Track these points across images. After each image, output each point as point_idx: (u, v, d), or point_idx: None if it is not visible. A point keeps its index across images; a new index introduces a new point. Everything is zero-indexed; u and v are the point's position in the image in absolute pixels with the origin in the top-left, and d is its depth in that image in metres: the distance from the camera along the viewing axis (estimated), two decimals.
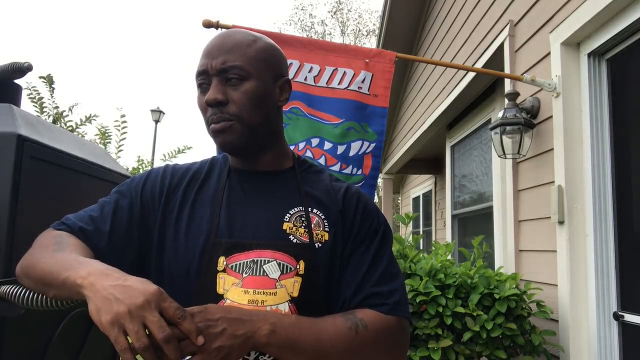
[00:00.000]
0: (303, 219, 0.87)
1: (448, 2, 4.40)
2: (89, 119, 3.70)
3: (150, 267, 0.88)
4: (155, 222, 0.89)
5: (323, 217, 0.89)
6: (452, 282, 2.06)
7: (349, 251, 0.88)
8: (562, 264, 2.17)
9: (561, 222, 2.19)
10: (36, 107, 3.48)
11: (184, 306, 0.71)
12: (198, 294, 0.81)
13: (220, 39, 0.88)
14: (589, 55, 2.17)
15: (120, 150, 3.94)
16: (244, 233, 0.85)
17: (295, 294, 0.81)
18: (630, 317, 1.91)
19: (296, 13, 24.85)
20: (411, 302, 2.00)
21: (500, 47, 3.01)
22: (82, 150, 1.43)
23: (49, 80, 3.53)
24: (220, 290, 0.81)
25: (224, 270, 0.82)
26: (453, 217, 4.66)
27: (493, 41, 3.14)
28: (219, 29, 2.06)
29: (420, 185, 7.88)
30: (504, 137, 2.45)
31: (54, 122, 3.58)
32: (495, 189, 3.31)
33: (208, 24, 2.04)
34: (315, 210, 0.89)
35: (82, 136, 3.80)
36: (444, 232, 5.63)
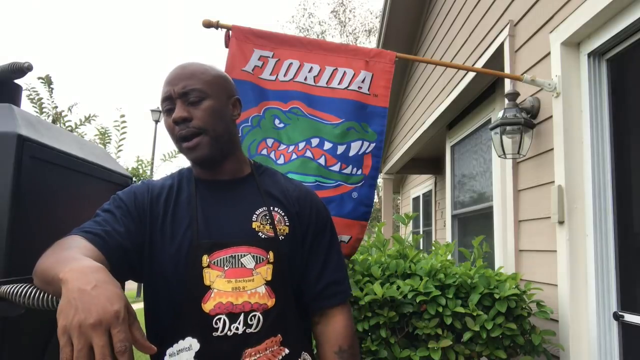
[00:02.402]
0: (267, 217, 1.07)
1: (448, 2, 4.40)
2: (88, 119, 3.70)
3: (144, 269, 1.02)
4: (144, 231, 1.03)
5: (283, 214, 1.10)
6: (452, 282, 2.06)
7: (310, 240, 1.11)
8: (562, 264, 2.17)
9: (561, 222, 2.19)
10: (35, 107, 3.48)
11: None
12: (190, 287, 0.97)
13: (178, 69, 1.05)
14: (589, 55, 2.17)
15: (120, 151, 3.94)
16: (220, 234, 1.02)
17: (269, 278, 1.01)
18: (630, 317, 1.91)
19: (298, 11, 24.83)
20: (411, 302, 2.00)
21: (500, 47, 3.01)
22: (82, 150, 1.43)
23: (48, 81, 3.53)
24: (207, 282, 0.98)
25: (208, 266, 0.98)
26: (453, 217, 4.65)
27: (493, 41, 3.14)
28: (219, 29, 2.06)
29: (420, 185, 7.87)
30: (504, 137, 2.45)
31: (53, 122, 3.58)
32: (495, 189, 3.31)
33: (208, 24, 2.04)
34: (276, 209, 1.09)
35: (82, 136, 3.80)
36: (444, 232, 5.63)
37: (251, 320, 0.98)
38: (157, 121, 13.55)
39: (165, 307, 1.00)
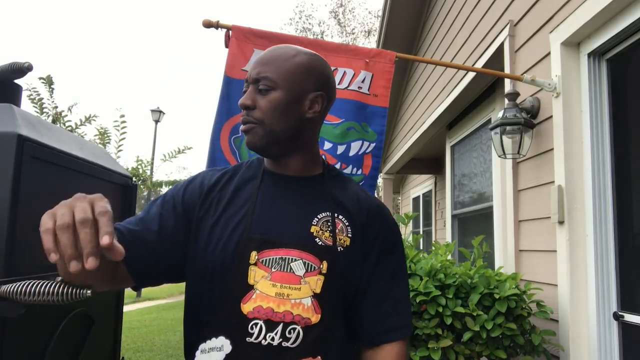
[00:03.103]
0: (329, 223, 0.97)
1: (448, 2, 4.40)
2: (88, 119, 3.70)
3: (188, 260, 0.97)
4: (189, 225, 0.98)
5: (347, 223, 0.98)
6: (452, 282, 2.06)
7: (374, 260, 0.99)
8: (562, 264, 2.17)
9: (561, 222, 2.19)
10: (36, 107, 3.48)
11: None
12: (232, 283, 0.91)
13: (265, 52, 0.99)
14: (589, 55, 2.17)
15: (120, 151, 3.94)
16: (275, 231, 0.94)
17: (318, 291, 0.91)
18: (630, 317, 1.91)
19: (296, 14, 24.83)
20: (411, 302, 2.00)
21: (500, 47, 3.01)
22: (82, 150, 1.43)
23: (49, 81, 3.53)
24: (251, 281, 0.90)
25: (255, 264, 0.91)
26: (453, 217, 4.65)
27: (493, 41, 3.14)
28: (219, 29, 2.06)
29: (420, 185, 7.87)
30: (504, 137, 2.45)
31: (53, 122, 3.58)
32: (495, 189, 3.31)
33: (208, 24, 2.04)
34: (340, 217, 0.99)
35: (82, 137, 3.80)
36: (444, 232, 5.63)
37: (290, 333, 0.89)
38: (157, 121, 13.54)
39: (205, 300, 0.94)
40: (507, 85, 2.84)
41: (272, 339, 0.88)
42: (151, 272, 0.94)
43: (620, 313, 1.96)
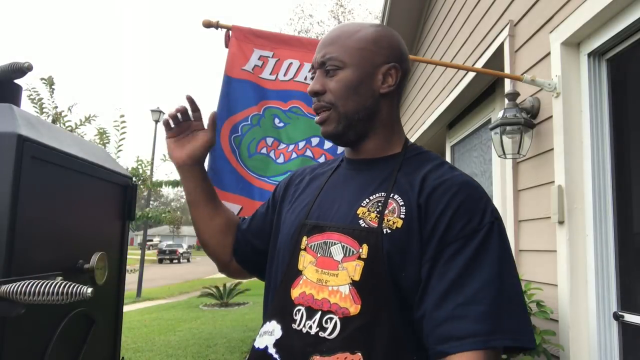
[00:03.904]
0: (380, 204, 0.86)
1: (448, 2, 4.40)
2: (88, 120, 3.71)
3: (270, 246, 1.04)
4: (277, 211, 1.06)
5: (402, 203, 0.85)
6: None
7: (434, 247, 0.80)
8: (562, 264, 2.17)
9: (561, 222, 2.19)
10: (36, 107, 3.48)
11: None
12: (285, 268, 0.92)
13: (328, 34, 0.94)
14: (589, 55, 2.17)
15: (120, 151, 3.95)
16: (325, 215, 0.91)
17: (357, 278, 0.81)
18: (630, 317, 1.91)
19: (296, 13, 24.83)
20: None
21: (500, 47, 3.01)
22: (82, 150, 1.43)
23: (50, 82, 3.54)
24: (300, 267, 0.89)
25: (305, 249, 0.89)
26: None
27: (493, 41, 3.14)
28: (219, 29, 2.06)
29: None
30: (504, 137, 2.45)
31: (53, 122, 3.58)
32: (495, 189, 3.31)
33: (208, 24, 2.04)
34: (396, 197, 0.86)
35: (82, 137, 3.80)
36: None
37: (327, 323, 0.81)
38: (157, 121, 13.54)
39: (269, 284, 0.98)
40: (507, 85, 2.84)
41: (310, 327, 0.82)
42: (258, 265, 1.07)
43: (620, 313, 1.96)
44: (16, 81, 1.36)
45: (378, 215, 0.84)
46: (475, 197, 0.84)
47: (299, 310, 0.85)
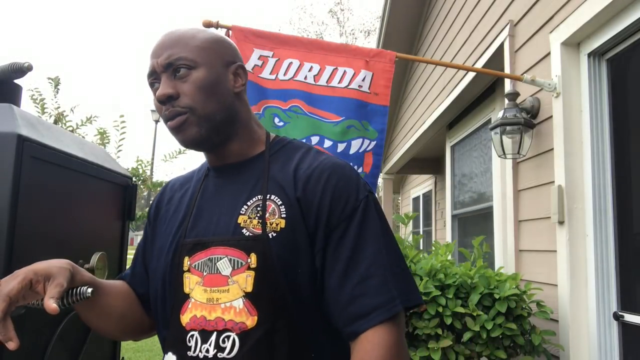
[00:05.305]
0: (259, 208, 0.83)
1: (448, 2, 4.40)
2: (89, 120, 3.71)
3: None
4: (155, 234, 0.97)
5: (279, 202, 0.83)
6: (452, 282, 2.06)
7: (322, 237, 0.80)
8: (562, 264, 2.17)
9: (561, 222, 2.19)
10: (37, 107, 3.48)
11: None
12: (171, 294, 0.85)
13: (163, 37, 0.87)
14: (589, 55, 2.17)
15: (120, 151, 3.94)
16: (205, 231, 0.85)
17: (249, 289, 0.78)
18: (630, 317, 1.91)
19: (296, 13, 24.82)
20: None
21: (500, 47, 3.01)
22: (82, 150, 1.43)
23: (56, 82, 3.55)
24: (186, 290, 0.83)
25: (188, 270, 0.84)
26: (453, 217, 4.65)
27: (493, 41, 3.14)
28: (219, 29, 2.06)
29: (420, 185, 7.87)
30: (504, 137, 2.45)
31: (55, 122, 3.59)
32: (495, 189, 3.31)
33: (208, 24, 2.04)
34: (272, 197, 0.83)
35: (83, 137, 3.80)
36: (444, 232, 5.63)
37: (224, 342, 0.78)
38: (157, 121, 13.56)
39: (157, 314, 0.90)
40: (507, 85, 2.84)
41: (207, 350, 0.79)
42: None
43: (620, 313, 1.96)
44: (17, 81, 1.36)
45: (260, 221, 0.82)
46: (347, 176, 0.85)
47: (192, 336, 0.81)
